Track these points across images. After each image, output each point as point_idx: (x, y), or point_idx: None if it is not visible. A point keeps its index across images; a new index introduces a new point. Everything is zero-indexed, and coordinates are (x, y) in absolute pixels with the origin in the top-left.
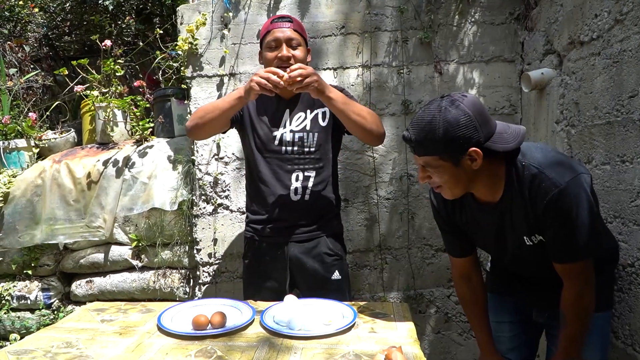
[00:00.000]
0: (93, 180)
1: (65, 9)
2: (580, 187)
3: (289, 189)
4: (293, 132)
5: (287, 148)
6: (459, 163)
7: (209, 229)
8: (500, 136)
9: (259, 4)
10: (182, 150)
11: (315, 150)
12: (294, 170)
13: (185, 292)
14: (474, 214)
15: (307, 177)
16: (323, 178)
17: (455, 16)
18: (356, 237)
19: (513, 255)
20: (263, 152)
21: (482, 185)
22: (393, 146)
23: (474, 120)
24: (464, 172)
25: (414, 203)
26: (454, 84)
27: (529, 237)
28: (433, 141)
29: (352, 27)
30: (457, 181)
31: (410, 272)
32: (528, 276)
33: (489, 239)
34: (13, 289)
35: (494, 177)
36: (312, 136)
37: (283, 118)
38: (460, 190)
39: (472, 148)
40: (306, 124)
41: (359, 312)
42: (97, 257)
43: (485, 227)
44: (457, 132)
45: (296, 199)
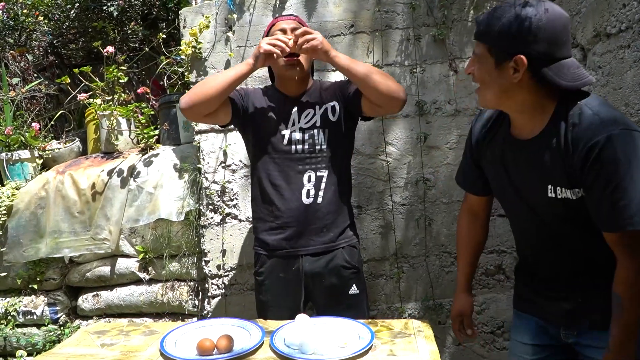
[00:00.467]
0: (98, 191)
1: (69, 16)
2: (634, 142)
3: (301, 192)
4: (302, 130)
5: (297, 147)
6: (501, 65)
7: (217, 240)
8: (564, 69)
9: (264, 4)
10: (189, 158)
11: (327, 148)
12: (305, 170)
13: (194, 305)
14: (504, 152)
15: (320, 178)
16: (336, 179)
17: (470, 11)
18: (371, 245)
19: (530, 213)
20: (271, 152)
21: (521, 112)
22: (407, 149)
23: (542, 29)
24: (502, 79)
25: (431, 209)
26: (470, 82)
27: (555, 187)
28: (490, 26)
29: (361, 26)
30: (491, 85)
31: (428, 282)
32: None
33: (510, 185)
34: (19, 304)
35: (539, 109)
36: (322, 133)
37: (291, 115)
38: (492, 98)
39: (520, 56)
40: (316, 120)
41: (377, 331)
42: (104, 270)
43: (510, 169)
44: (516, 29)
45: (308, 202)
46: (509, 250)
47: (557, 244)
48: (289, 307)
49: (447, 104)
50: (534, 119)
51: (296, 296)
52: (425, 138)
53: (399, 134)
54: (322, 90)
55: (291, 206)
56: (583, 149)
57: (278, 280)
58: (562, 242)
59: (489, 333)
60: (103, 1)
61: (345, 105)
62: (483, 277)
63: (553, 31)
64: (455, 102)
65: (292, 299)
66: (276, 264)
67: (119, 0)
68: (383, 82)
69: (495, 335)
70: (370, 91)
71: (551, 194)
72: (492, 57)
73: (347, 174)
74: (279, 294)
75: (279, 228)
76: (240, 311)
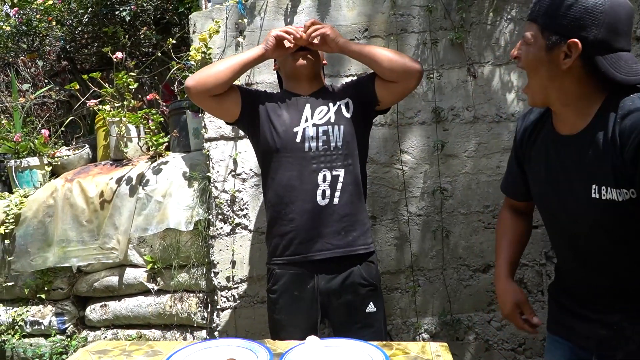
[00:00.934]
0: (106, 199)
1: (82, 21)
2: None
3: (316, 193)
4: (317, 126)
5: (311, 144)
6: (552, 49)
7: (226, 251)
8: (621, 61)
9: (275, 8)
10: (198, 166)
11: (343, 145)
12: (320, 169)
13: (203, 317)
14: (548, 149)
15: (336, 177)
16: (353, 179)
17: (490, 14)
18: (385, 257)
19: (568, 218)
20: (282, 151)
21: (566, 104)
22: (424, 158)
23: (604, 13)
24: (551, 65)
25: (449, 219)
26: (489, 87)
27: (600, 186)
28: (547, 6)
29: (376, 30)
30: (538, 71)
31: (445, 296)
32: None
33: (549, 186)
34: (26, 314)
35: (585, 102)
36: (337, 129)
37: (304, 112)
38: (538, 89)
39: (575, 40)
40: (330, 116)
41: (392, 355)
42: (112, 280)
43: (552, 167)
44: (575, 10)
45: (324, 203)
46: (531, 264)
47: (593, 258)
48: (304, 326)
49: (465, 111)
50: (579, 112)
51: (311, 315)
52: (443, 146)
53: (415, 141)
54: (335, 90)
55: (306, 208)
56: (635, 139)
57: (293, 299)
58: (599, 257)
59: (509, 350)
60: (115, 6)
61: (359, 98)
62: None
63: (615, 18)
64: (473, 108)
65: (307, 318)
66: (291, 281)
67: (131, 6)
68: (396, 56)
69: (516, 353)
70: (384, 67)
71: (595, 194)
72: (543, 39)
73: (363, 176)
74: (294, 312)
75: (293, 232)
76: (250, 325)
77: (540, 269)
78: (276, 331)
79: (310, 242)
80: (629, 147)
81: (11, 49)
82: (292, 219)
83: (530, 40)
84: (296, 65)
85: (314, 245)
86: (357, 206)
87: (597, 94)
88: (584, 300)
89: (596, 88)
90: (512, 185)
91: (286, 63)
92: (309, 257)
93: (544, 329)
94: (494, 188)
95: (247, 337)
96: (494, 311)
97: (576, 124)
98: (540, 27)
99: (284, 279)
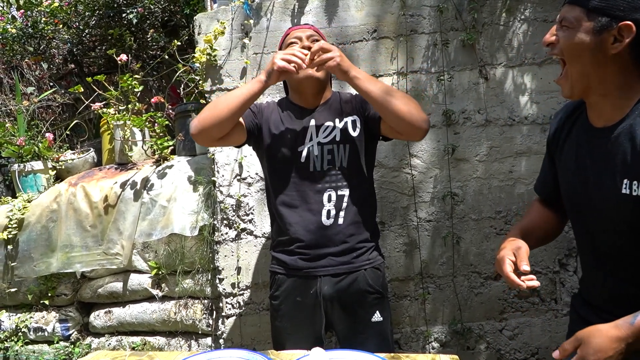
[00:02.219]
0: (110, 204)
1: (88, 23)
2: None
3: (320, 213)
4: (321, 145)
5: (316, 164)
6: (600, 33)
7: (231, 257)
8: None
9: (282, 9)
10: (203, 170)
11: (348, 165)
12: (325, 189)
13: (208, 324)
14: (579, 142)
15: (341, 197)
16: (358, 197)
17: (502, 14)
18: (394, 264)
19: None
20: (287, 171)
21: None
22: (434, 162)
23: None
24: (597, 50)
25: (459, 225)
26: (502, 90)
27: (632, 181)
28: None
29: (385, 31)
30: (580, 56)
31: (456, 304)
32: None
33: (577, 177)
34: (29, 320)
35: (625, 92)
36: (343, 148)
37: (308, 130)
38: (578, 77)
39: (629, 22)
40: (335, 134)
41: None
42: (116, 286)
43: (583, 160)
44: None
45: (328, 223)
46: (544, 271)
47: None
48: (308, 335)
49: (477, 114)
50: (617, 103)
51: (315, 322)
52: (453, 150)
53: (425, 145)
54: (342, 103)
55: (310, 228)
56: None
57: (295, 305)
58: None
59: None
60: (123, 8)
61: (365, 123)
62: (516, 300)
63: None
64: (485, 111)
65: (311, 326)
66: (293, 287)
67: (138, 8)
68: (405, 109)
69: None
70: (391, 117)
71: (625, 190)
72: (590, 22)
73: (370, 191)
74: (297, 320)
75: (297, 249)
76: (256, 332)
77: (553, 277)
78: (279, 340)
79: (314, 259)
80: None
81: (17, 51)
82: (297, 238)
83: (572, 24)
84: (301, 79)
85: (317, 261)
86: (363, 224)
87: (638, 84)
88: (601, 310)
89: (638, 78)
90: (542, 183)
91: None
92: (311, 273)
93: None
94: (506, 193)
95: (252, 345)
96: (506, 320)
97: (612, 115)
98: (586, 10)
99: (286, 284)
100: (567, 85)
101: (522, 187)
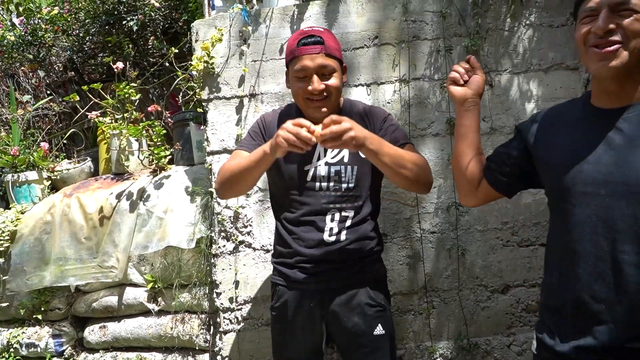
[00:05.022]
0: (105, 215)
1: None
2: None
3: (323, 231)
4: (329, 165)
5: (322, 184)
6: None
7: (229, 270)
8: None
9: (281, 15)
10: (201, 181)
11: (355, 187)
12: (329, 209)
13: (205, 340)
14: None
15: (345, 218)
16: (363, 217)
17: (507, 19)
18: (397, 277)
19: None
20: (293, 189)
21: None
22: (437, 171)
23: None
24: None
25: (465, 237)
26: (507, 97)
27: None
28: None
29: (386, 37)
30: None
31: (461, 318)
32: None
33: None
34: (22, 335)
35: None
36: (350, 170)
37: (316, 150)
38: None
39: None
40: (343, 155)
41: None
42: (111, 300)
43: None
44: None
45: (331, 240)
46: None
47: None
48: (309, 348)
49: (482, 122)
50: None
51: (316, 336)
52: None
53: (428, 154)
54: (355, 117)
55: (311, 245)
56: None
57: (296, 318)
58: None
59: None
60: (123, 15)
61: None
62: (524, 314)
63: None
64: (490, 119)
65: (311, 339)
66: (294, 299)
67: (138, 15)
68: (413, 179)
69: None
70: (399, 184)
71: None
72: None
73: (375, 209)
74: (297, 333)
75: (297, 263)
76: (255, 349)
77: None
78: (279, 353)
79: (315, 274)
80: None
81: (16, 59)
82: (298, 252)
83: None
84: (310, 113)
85: (318, 276)
86: (365, 243)
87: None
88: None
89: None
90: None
91: (298, 100)
92: (312, 287)
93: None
94: (512, 203)
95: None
96: (514, 334)
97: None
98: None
99: (286, 296)
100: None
101: (529, 197)
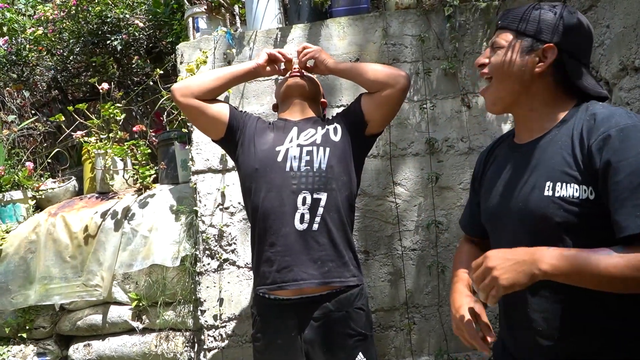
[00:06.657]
0: (90, 234)
1: (73, 50)
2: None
3: (294, 216)
4: (301, 147)
5: (293, 164)
6: (527, 53)
7: (213, 288)
8: (588, 77)
9: (264, 38)
10: (186, 199)
11: (327, 168)
12: (300, 190)
13: (189, 357)
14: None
15: (317, 201)
16: (335, 205)
17: (483, 43)
18: (379, 294)
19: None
20: (264, 171)
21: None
22: (418, 190)
23: (582, 25)
24: (523, 69)
25: (444, 254)
26: (484, 118)
27: (555, 183)
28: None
29: (367, 59)
30: (509, 75)
31: (442, 334)
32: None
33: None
34: (7, 353)
35: (550, 108)
36: (323, 151)
37: (290, 134)
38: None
39: (552, 45)
40: (316, 138)
41: None
42: (95, 318)
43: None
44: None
45: (302, 228)
46: None
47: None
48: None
49: (460, 142)
50: (544, 118)
51: None
52: (437, 178)
53: (409, 173)
54: (325, 119)
55: (283, 232)
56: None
57: (276, 348)
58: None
59: None
60: (107, 35)
61: (347, 118)
62: None
63: (589, 33)
64: (468, 139)
65: None
66: (274, 331)
67: (123, 35)
68: (381, 66)
69: None
70: (369, 76)
71: (548, 192)
72: (518, 44)
73: (350, 206)
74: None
75: (272, 256)
76: None
77: None
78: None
79: (287, 270)
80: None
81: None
82: (272, 244)
83: (503, 45)
84: (288, 84)
85: (289, 273)
86: (337, 236)
87: (565, 102)
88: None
89: (564, 96)
90: (469, 217)
91: (280, 86)
92: (284, 287)
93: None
94: None
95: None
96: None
97: (539, 130)
98: (516, 33)
99: (265, 327)
100: (490, 98)
101: None
